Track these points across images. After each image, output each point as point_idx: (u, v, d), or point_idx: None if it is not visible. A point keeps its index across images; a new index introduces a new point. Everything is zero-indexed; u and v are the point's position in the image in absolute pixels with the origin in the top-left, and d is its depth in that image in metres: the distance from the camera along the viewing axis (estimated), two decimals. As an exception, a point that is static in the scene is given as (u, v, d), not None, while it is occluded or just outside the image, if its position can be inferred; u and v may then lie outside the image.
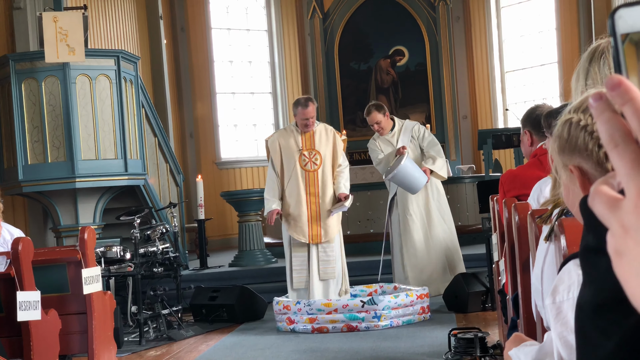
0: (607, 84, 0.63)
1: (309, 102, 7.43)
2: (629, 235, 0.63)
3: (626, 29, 0.65)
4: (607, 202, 0.65)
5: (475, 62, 15.62)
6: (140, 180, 9.34)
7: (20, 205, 9.50)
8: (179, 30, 14.91)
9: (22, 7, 9.43)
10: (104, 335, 5.71)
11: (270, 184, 7.50)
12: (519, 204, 3.14)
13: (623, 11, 0.65)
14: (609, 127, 0.65)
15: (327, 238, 7.42)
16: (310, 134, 7.49)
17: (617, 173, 0.64)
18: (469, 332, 5.78)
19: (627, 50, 0.65)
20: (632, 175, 0.63)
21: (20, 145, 8.69)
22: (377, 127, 8.25)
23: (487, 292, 7.66)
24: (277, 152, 7.46)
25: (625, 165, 0.63)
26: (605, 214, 0.65)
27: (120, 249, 7.52)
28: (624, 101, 0.63)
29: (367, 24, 14.89)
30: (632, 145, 0.63)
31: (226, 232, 14.45)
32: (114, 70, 8.96)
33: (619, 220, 0.64)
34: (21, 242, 4.97)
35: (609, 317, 0.83)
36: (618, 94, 0.63)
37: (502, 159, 13.71)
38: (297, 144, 7.45)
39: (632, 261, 0.63)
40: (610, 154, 0.64)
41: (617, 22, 0.65)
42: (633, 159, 0.63)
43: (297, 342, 6.87)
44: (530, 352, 1.92)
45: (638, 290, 0.63)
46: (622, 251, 0.64)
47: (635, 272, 0.63)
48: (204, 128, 15.07)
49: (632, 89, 0.63)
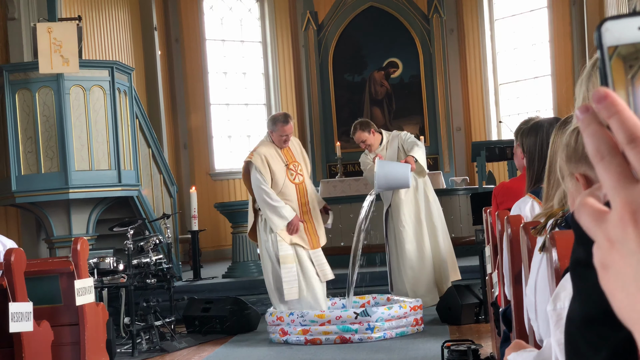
0: (593, 97, 0.64)
1: (289, 118, 7.51)
2: (615, 248, 0.64)
3: (612, 42, 0.65)
4: (593, 214, 0.65)
5: (469, 74, 15.66)
6: (134, 191, 9.33)
7: (13, 216, 9.47)
8: (173, 42, 14.93)
9: (16, 17, 9.43)
10: (97, 347, 5.69)
11: (271, 194, 7.44)
12: (511, 216, 3.14)
13: (610, 23, 0.65)
14: (595, 140, 0.65)
15: (322, 242, 7.65)
16: (287, 148, 7.61)
17: (603, 186, 0.65)
18: (462, 344, 5.77)
19: (615, 65, 0.65)
20: (618, 189, 0.63)
21: (13, 156, 8.67)
22: (364, 146, 8.24)
23: (481, 304, 7.66)
24: (265, 166, 7.44)
25: (611, 178, 0.64)
26: (591, 227, 0.66)
27: (113, 260, 7.50)
28: (610, 114, 0.63)
29: (362, 36, 14.93)
30: (618, 159, 0.64)
31: (220, 244, 14.43)
32: (108, 81, 8.96)
33: (605, 233, 0.64)
34: (14, 252, 4.96)
35: (598, 331, 0.83)
36: (604, 106, 0.63)
37: (496, 171, 13.73)
38: (282, 159, 7.53)
39: (617, 274, 0.64)
40: (597, 167, 0.65)
41: (603, 34, 0.66)
42: (619, 172, 0.63)
43: (290, 354, 6.85)
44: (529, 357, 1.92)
45: (623, 303, 0.63)
46: (607, 264, 0.65)
47: (621, 285, 0.63)
48: (198, 139, 15.07)
49: (618, 101, 0.63)
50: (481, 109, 15.53)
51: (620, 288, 0.63)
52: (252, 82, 15.79)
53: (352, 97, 14.81)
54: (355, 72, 15.05)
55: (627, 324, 0.63)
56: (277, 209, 7.38)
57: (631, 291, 0.62)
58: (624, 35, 0.65)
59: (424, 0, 14.79)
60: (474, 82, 15.61)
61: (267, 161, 7.44)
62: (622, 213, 0.63)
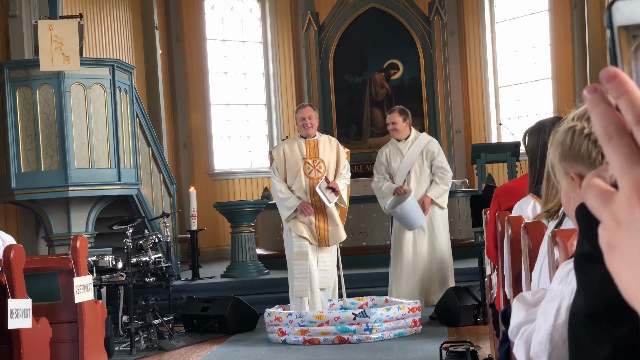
0: (602, 76, 0.63)
1: (308, 105, 7.83)
2: (621, 229, 0.63)
3: (623, 21, 0.65)
4: (600, 195, 0.65)
5: (469, 77, 15.67)
6: (134, 189, 9.32)
7: (12, 213, 9.47)
8: (174, 41, 14.93)
9: (17, 14, 9.43)
10: (95, 345, 5.69)
11: (280, 186, 7.59)
12: (512, 217, 3.14)
13: (620, 3, 0.65)
14: (603, 120, 0.64)
15: (334, 241, 7.61)
16: (315, 143, 7.66)
17: (611, 166, 0.64)
18: (461, 345, 5.77)
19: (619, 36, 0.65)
20: (625, 169, 0.63)
21: (13, 153, 8.66)
22: (392, 127, 8.39)
23: (479, 306, 7.66)
24: (282, 159, 7.62)
25: (619, 158, 0.63)
26: (598, 207, 0.65)
27: (112, 258, 7.50)
28: (619, 94, 0.63)
29: (362, 37, 14.92)
30: (626, 139, 0.63)
31: (219, 243, 14.43)
32: (109, 80, 8.96)
33: (612, 214, 0.64)
34: (13, 249, 4.96)
35: (601, 325, 0.83)
36: (613, 86, 0.63)
37: (495, 174, 13.74)
38: (302, 152, 7.62)
39: (623, 254, 0.63)
40: (604, 147, 0.64)
41: (614, 14, 0.65)
42: (626, 152, 0.63)
43: (288, 354, 6.85)
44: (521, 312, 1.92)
45: (630, 283, 0.63)
46: (614, 244, 0.64)
47: (627, 264, 0.63)
48: (198, 139, 15.07)
49: (627, 81, 0.63)
50: (481, 112, 15.53)
51: (626, 268, 0.63)
52: (253, 83, 15.79)
53: (352, 98, 14.80)
54: (356, 73, 15.05)
55: (633, 304, 0.63)
56: (283, 200, 7.56)
57: (638, 271, 0.62)
58: (634, 14, 0.65)
59: (425, 2, 14.78)
60: (474, 84, 15.61)
61: (285, 153, 7.61)
62: (629, 193, 0.63)
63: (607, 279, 0.85)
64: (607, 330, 0.83)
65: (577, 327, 0.89)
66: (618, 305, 0.83)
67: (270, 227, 11.56)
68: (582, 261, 0.92)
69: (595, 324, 0.85)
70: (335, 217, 7.63)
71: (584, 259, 0.91)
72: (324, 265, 7.59)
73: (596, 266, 0.86)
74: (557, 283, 1.55)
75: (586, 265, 0.90)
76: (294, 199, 7.53)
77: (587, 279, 0.90)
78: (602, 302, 0.83)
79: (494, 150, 10.39)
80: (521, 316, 1.93)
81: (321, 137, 7.79)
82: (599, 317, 0.85)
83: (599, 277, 0.84)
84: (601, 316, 0.84)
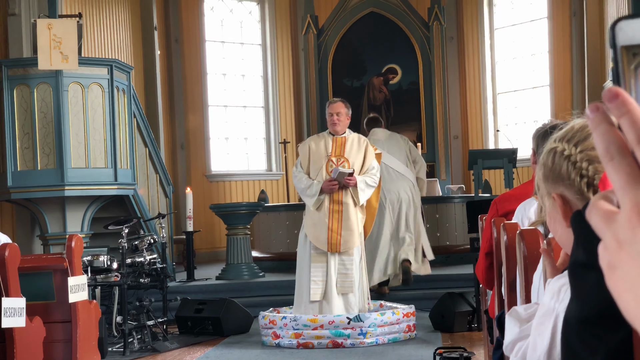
0: (605, 95, 0.63)
1: (339, 100, 7.65)
2: (623, 249, 0.63)
3: (626, 41, 0.65)
4: (603, 215, 0.65)
5: (467, 83, 15.68)
6: (130, 190, 9.32)
7: (8, 212, 9.46)
8: (173, 42, 14.92)
9: (16, 13, 9.42)
10: (88, 345, 5.68)
11: (301, 176, 7.39)
12: (507, 223, 3.14)
13: (623, 23, 0.65)
14: (604, 140, 0.64)
15: (346, 247, 7.28)
16: (342, 141, 7.46)
17: (613, 187, 0.64)
18: (455, 351, 5.77)
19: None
20: (627, 189, 0.63)
21: (10, 152, 8.66)
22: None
23: (474, 312, 7.66)
24: (306, 155, 7.47)
25: (620, 178, 0.63)
26: (601, 227, 0.65)
27: (107, 258, 7.49)
28: (622, 113, 0.63)
29: (361, 41, 14.93)
30: (628, 159, 0.63)
31: (214, 245, 14.41)
32: (107, 79, 8.95)
33: (614, 234, 0.64)
34: (8, 248, 4.95)
35: (595, 332, 0.83)
36: (616, 105, 0.63)
37: (492, 180, 13.75)
38: (327, 149, 7.43)
39: (625, 275, 0.63)
40: (606, 167, 0.64)
41: (617, 33, 0.66)
42: (628, 172, 0.63)
43: (282, 357, 6.84)
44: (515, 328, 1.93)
45: (631, 305, 0.63)
46: (615, 265, 0.64)
47: (629, 286, 0.63)
48: (195, 140, 15.06)
49: (629, 101, 0.63)
50: (479, 118, 15.55)
51: (628, 289, 0.63)
52: (251, 85, 15.79)
53: (350, 102, 14.74)
54: (354, 77, 15.06)
55: (635, 325, 0.63)
56: (304, 190, 7.38)
57: (639, 293, 0.62)
58: (637, 34, 0.65)
59: (425, 8, 14.80)
60: (472, 90, 15.63)
61: (310, 149, 7.46)
62: (630, 214, 0.62)
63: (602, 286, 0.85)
64: (600, 337, 0.83)
65: (570, 335, 0.89)
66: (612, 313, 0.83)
67: (266, 229, 11.56)
68: (576, 269, 0.92)
69: (589, 332, 0.85)
70: (351, 222, 7.29)
71: (579, 267, 0.91)
72: (343, 269, 7.28)
73: (591, 273, 0.86)
74: (549, 298, 1.56)
75: (581, 272, 0.90)
76: (315, 184, 7.30)
77: (581, 286, 0.90)
78: (595, 309, 0.83)
79: (491, 156, 10.40)
80: (515, 332, 1.94)
81: (350, 135, 7.53)
82: (592, 324, 0.85)
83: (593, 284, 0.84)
84: (594, 323, 0.84)
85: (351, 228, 7.29)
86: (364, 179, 7.34)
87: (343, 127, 7.51)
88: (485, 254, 4.21)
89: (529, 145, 4.02)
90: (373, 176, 7.41)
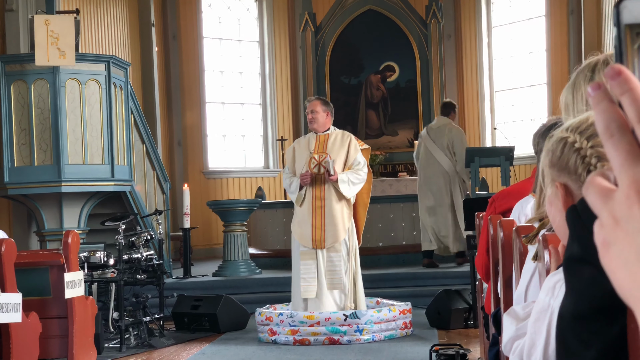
0: (607, 73, 0.63)
1: (315, 98, 7.75)
2: (619, 226, 0.63)
3: (630, 20, 0.65)
4: (600, 192, 0.65)
5: (465, 81, 15.68)
6: (127, 186, 9.31)
7: (4, 208, 9.45)
8: (170, 38, 14.91)
9: (14, 9, 9.41)
10: (85, 341, 5.68)
11: (285, 176, 7.66)
12: (504, 220, 3.14)
13: (628, 2, 0.65)
14: (605, 117, 0.64)
15: (330, 243, 7.30)
16: (325, 138, 7.52)
17: (611, 164, 0.64)
18: (451, 348, 5.78)
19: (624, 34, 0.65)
20: (625, 166, 0.63)
21: (7, 147, 8.65)
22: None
23: (470, 309, 7.67)
24: (292, 157, 7.61)
25: (619, 156, 0.63)
26: (597, 204, 0.65)
27: (104, 254, 7.48)
28: (623, 90, 0.63)
29: (359, 38, 14.93)
30: (627, 136, 0.63)
31: (211, 242, 14.41)
32: (104, 76, 8.95)
33: (610, 211, 0.64)
34: (4, 243, 4.95)
35: (589, 327, 0.84)
36: (617, 83, 0.63)
37: (489, 178, 13.75)
38: (310, 147, 7.51)
39: (620, 252, 0.63)
40: (605, 145, 0.64)
41: (622, 12, 0.66)
42: (627, 150, 0.63)
43: (278, 353, 6.85)
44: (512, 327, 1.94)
45: (625, 282, 0.63)
46: (610, 242, 0.64)
47: (623, 263, 0.63)
48: (193, 137, 15.06)
49: (632, 79, 0.63)
50: (476, 116, 15.55)
51: (622, 266, 0.63)
52: (248, 82, 15.78)
53: (348, 99, 14.80)
54: (352, 74, 15.05)
55: (629, 302, 0.63)
56: (289, 187, 7.58)
57: (634, 270, 0.62)
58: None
59: (422, 5, 14.79)
60: (469, 88, 15.63)
61: (295, 149, 7.63)
62: (628, 191, 0.63)
63: (596, 281, 0.85)
64: (594, 332, 0.83)
65: (565, 330, 0.89)
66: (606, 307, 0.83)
67: (263, 226, 11.56)
68: (571, 263, 0.92)
69: (583, 326, 0.85)
70: (334, 217, 7.31)
71: (574, 261, 0.91)
72: (331, 265, 7.31)
73: (585, 268, 0.86)
74: (544, 294, 1.56)
75: (575, 267, 0.90)
76: (295, 180, 7.44)
77: (576, 280, 0.90)
78: (590, 304, 0.83)
79: (488, 154, 10.40)
80: (512, 330, 1.95)
81: (335, 131, 7.58)
82: (586, 319, 0.85)
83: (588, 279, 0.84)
84: (589, 318, 0.84)
85: (335, 223, 7.32)
86: (347, 174, 7.36)
87: (322, 125, 7.55)
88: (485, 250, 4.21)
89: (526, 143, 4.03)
90: (359, 171, 7.40)
